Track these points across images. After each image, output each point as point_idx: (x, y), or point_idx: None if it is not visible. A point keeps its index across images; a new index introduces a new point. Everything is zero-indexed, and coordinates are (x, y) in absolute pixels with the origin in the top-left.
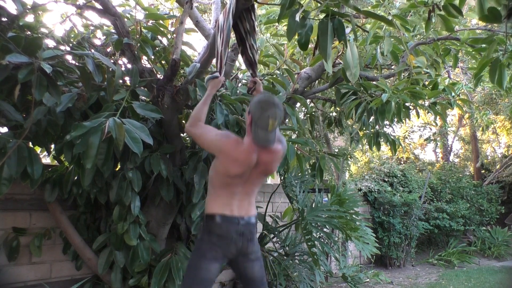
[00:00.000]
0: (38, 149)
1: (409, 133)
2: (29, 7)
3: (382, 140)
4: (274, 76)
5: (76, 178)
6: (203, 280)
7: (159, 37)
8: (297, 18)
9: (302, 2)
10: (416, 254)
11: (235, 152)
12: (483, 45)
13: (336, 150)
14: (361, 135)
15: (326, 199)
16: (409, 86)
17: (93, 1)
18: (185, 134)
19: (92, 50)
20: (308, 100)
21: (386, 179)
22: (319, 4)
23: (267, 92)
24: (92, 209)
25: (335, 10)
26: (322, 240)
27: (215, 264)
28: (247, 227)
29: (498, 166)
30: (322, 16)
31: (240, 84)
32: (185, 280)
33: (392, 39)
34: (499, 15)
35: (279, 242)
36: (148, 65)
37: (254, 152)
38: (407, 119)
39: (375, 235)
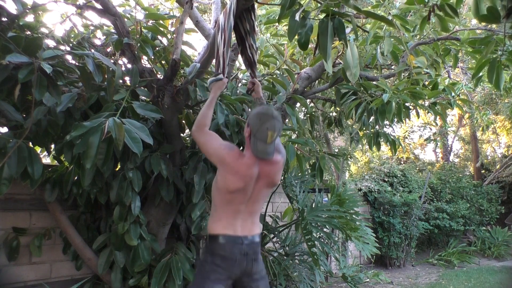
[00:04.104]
0: (38, 149)
1: (409, 133)
2: (29, 7)
3: (382, 140)
4: (274, 76)
5: (76, 178)
6: None
7: (159, 37)
8: (297, 18)
9: (302, 2)
10: (416, 254)
11: (236, 164)
12: (482, 46)
13: (336, 150)
14: (361, 135)
15: (326, 199)
16: (409, 86)
17: (93, 1)
18: (185, 134)
19: (92, 50)
20: (308, 100)
21: (386, 179)
22: (319, 4)
23: (266, 105)
24: (92, 209)
25: (335, 10)
26: (322, 240)
27: (219, 285)
28: (251, 247)
29: (498, 166)
30: (322, 16)
31: (240, 84)
32: None
33: (392, 39)
34: (498, 15)
35: (279, 242)
36: (148, 65)
37: (254, 165)
38: (407, 119)
39: (375, 235)
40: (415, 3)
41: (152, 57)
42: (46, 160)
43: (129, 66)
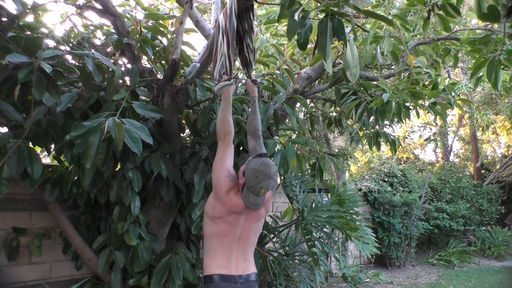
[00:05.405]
0: (38, 149)
1: (409, 133)
2: (29, 7)
3: (382, 140)
4: (274, 76)
5: (76, 178)
6: None
7: (159, 37)
8: (296, 18)
9: (302, 2)
10: (416, 254)
11: (227, 196)
12: (481, 46)
13: (336, 150)
14: (361, 135)
15: (326, 199)
16: (409, 86)
17: (93, 1)
18: (185, 134)
19: (92, 50)
20: (308, 100)
21: (386, 179)
22: (319, 4)
23: (265, 159)
24: (92, 209)
25: (335, 10)
26: (322, 240)
27: None
28: (246, 286)
29: (498, 166)
30: (322, 15)
31: (240, 84)
32: None
33: (392, 39)
34: (498, 14)
35: (279, 242)
36: (148, 65)
37: (243, 208)
38: (407, 119)
39: (375, 235)
40: (415, 3)
41: (152, 57)
42: (46, 160)
43: (129, 66)
